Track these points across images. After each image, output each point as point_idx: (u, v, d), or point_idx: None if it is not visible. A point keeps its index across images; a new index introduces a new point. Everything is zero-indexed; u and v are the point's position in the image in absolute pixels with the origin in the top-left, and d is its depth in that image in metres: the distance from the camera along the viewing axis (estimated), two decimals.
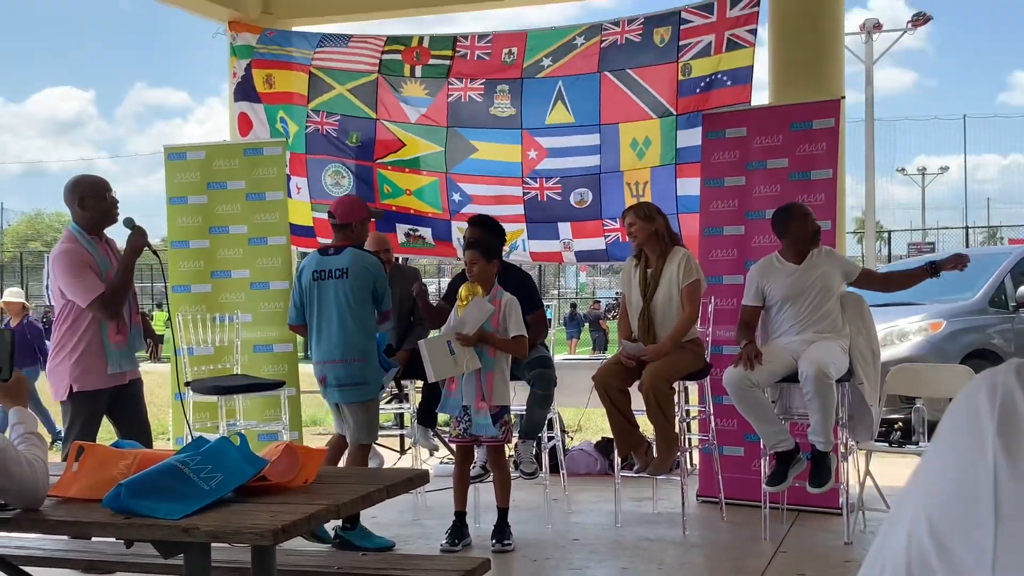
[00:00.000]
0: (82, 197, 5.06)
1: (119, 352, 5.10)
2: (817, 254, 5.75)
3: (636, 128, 7.51)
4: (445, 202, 8.17)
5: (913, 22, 25.55)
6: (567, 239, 8.00)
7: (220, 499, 2.80)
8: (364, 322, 5.52)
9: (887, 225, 37.03)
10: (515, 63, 7.82)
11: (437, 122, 8.05)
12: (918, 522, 0.76)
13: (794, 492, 5.95)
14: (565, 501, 6.61)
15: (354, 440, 5.60)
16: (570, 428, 8.82)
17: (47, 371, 5.22)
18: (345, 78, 8.23)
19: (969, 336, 9.12)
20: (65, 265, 4.96)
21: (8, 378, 3.01)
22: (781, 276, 5.72)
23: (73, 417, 5.04)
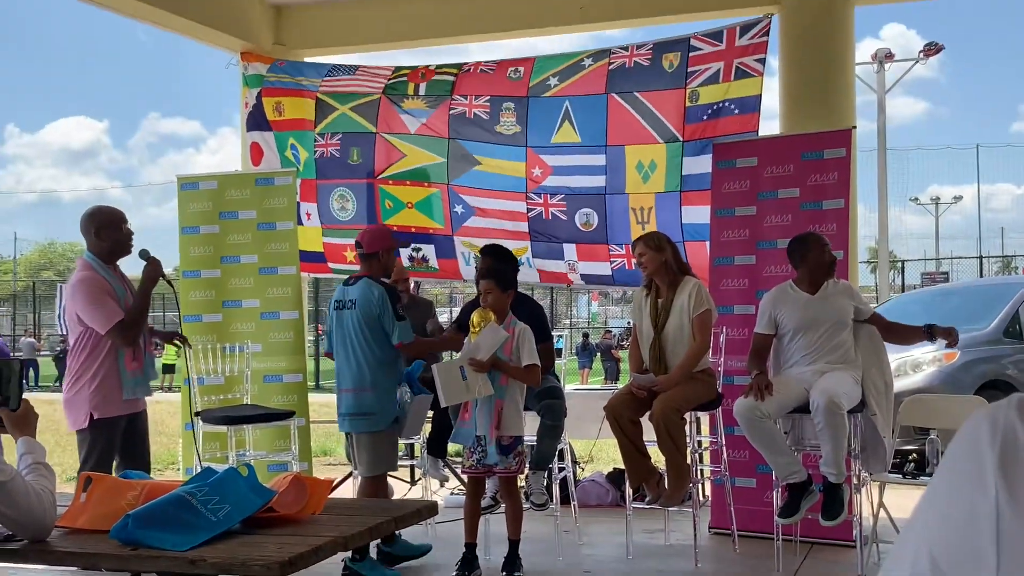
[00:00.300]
0: (99, 227, 5.13)
1: (134, 379, 5.16)
2: (832, 285, 5.72)
3: (642, 151, 7.49)
4: (447, 214, 8.14)
5: (925, 52, 25.58)
6: (572, 260, 7.96)
7: (227, 530, 2.79)
8: (375, 353, 5.53)
9: (900, 255, 36.94)
10: (521, 80, 7.82)
11: (437, 132, 8.03)
12: (920, 559, 0.75)
13: (807, 524, 5.91)
14: (576, 533, 6.57)
15: (362, 471, 5.60)
16: (581, 459, 8.78)
17: (63, 401, 5.22)
18: (349, 99, 8.28)
19: (983, 367, 9.05)
20: (85, 292, 5.02)
21: (17, 408, 3.01)
22: (795, 305, 5.70)
23: (92, 445, 5.05)
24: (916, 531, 0.78)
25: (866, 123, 26.26)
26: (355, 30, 9.23)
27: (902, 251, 39.78)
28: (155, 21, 8.44)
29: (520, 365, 5.38)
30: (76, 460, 11.30)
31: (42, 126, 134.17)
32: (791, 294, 5.75)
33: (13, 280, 56.59)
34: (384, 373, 5.53)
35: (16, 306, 45.01)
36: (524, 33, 9.17)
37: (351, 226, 8.43)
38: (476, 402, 5.35)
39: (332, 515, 3.07)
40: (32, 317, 40.94)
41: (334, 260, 8.64)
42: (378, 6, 9.11)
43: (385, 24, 9.14)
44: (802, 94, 7.75)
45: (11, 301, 48.36)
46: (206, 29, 8.61)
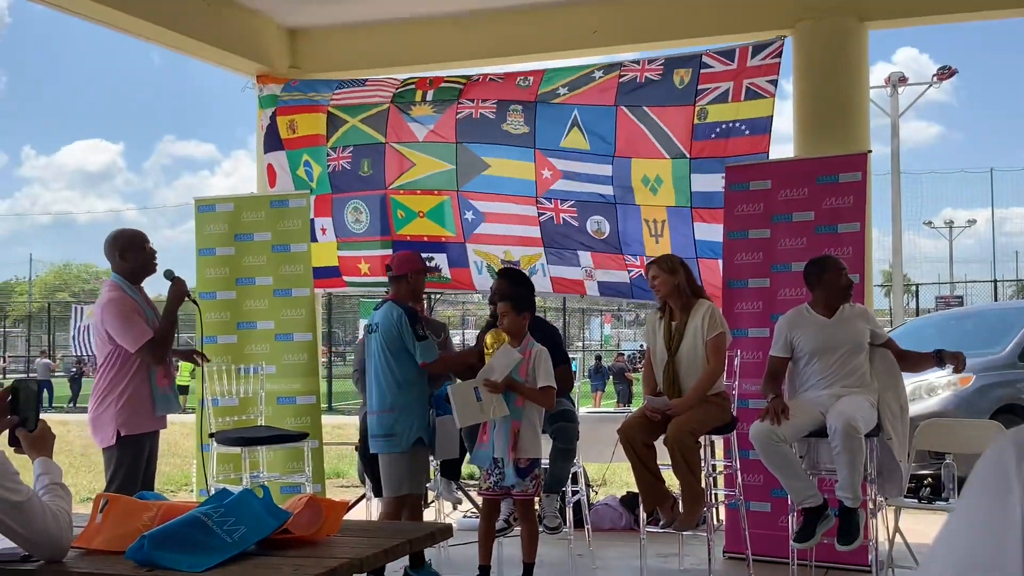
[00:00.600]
0: (123, 249, 5.24)
1: (165, 396, 5.26)
2: (849, 309, 5.71)
3: (648, 165, 7.49)
4: (458, 222, 8.14)
5: (939, 75, 25.60)
6: (588, 267, 7.94)
7: (243, 552, 2.79)
8: (396, 375, 5.55)
9: (914, 278, 36.83)
10: (530, 88, 7.84)
11: (445, 138, 8.04)
12: None
13: (822, 549, 5.87)
14: (590, 556, 6.55)
15: (384, 492, 5.61)
16: (595, 482, 8.76)
17: (90, 420, 5.26)
18: (358, 111, 8.33)
19: (999, 391, 9.01)
20: (115, 312, 5.11)
21: (35, 428, 3.02)
22: (811, 328, 5.69)
23: (119, 462, 5.09)
24: (942, 554, 0.78)
25: (879, 147, 26.28)
26: (369, 54, 9.29)
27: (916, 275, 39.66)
28: (172, 44, 8.52)
29: (535, 386, 5.37)
30: (90, 481, 11.36)
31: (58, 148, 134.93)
32: (807, 317, 5.74)
33: (28, 301, 56.83)
34: (405, 394, 5.54)
35: (31, 327, 45.18)
36: (536, 57, 9.21)
37: (365, 238, 8.46)
38: (494, 424, 5.34)
39: (347, 537, 3.06)
40: (47, 338, 41.09)
41: (348, 273, 8.66)
42: (392, 30, 9.17)
43: (398, 48, 9.19)
44: (816, 117, 7.75)
45: (26, 322, 48.56)
46: (222, 52, 8.68)
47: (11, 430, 3.01)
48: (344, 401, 26.78)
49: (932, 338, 10.74)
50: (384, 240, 8.43)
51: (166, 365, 5.29)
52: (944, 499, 5.57)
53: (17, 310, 57.06)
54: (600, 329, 44.25)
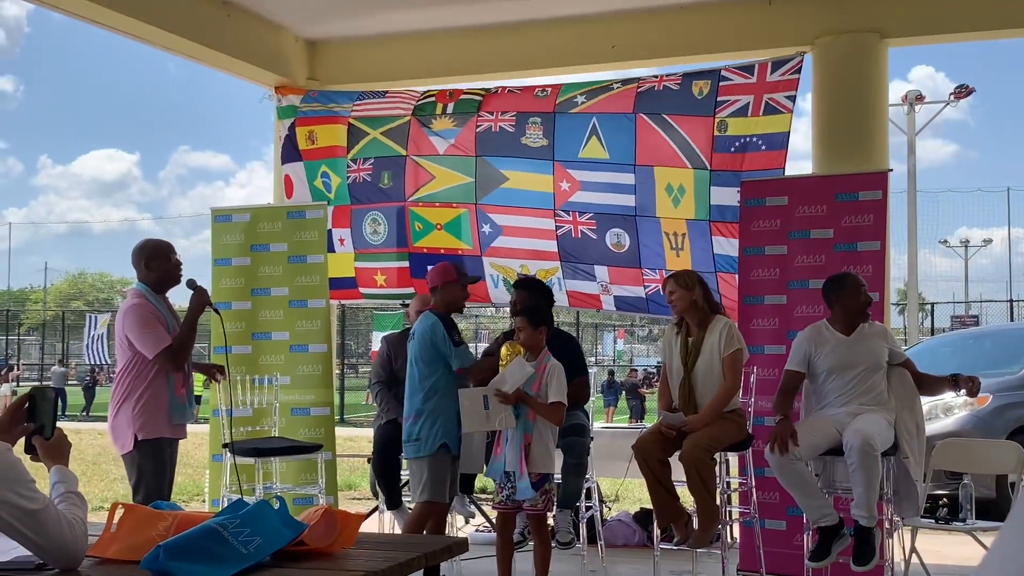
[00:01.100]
0: (148, 259, 5.31)
1: (181, 406, 5.28)
2: (868, 327, 5.68)
3: (671, 174, 7.47)
4: (475, 235, 8.14)
5: (956, 94, 25.52)
6: (604, 282, 7.91)
7: (258, 563, 2.77)
8: (424, 382, 5.58)
9: (930, 297, 36.69)
10: (548, 98, 7.85)
11: (465, 151, 8.06)
12: None
13: (837, 568, 5.82)
14: (603, 572, 6.51)
15: (413, 497, 5.62)
16: (608, 498, 8.72)
17: (109, 427, 5.29)
18: (379, 123, 8.35)
19: (1016, 411, 8.94)
20: (135, 318, 5.16)
21: (51, 436, 3.01)
22: (829, 346, 5.66)
23: (142, 467, 5.11)
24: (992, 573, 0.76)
25: (896, 164, 26.21)
26: (387, 66, 9.31)
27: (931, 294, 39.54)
28: (191, 55, 8.55)
29: (546, 401, 5.35)
30: (102, 489, 11.36)
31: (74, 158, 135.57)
32: (826, 334, 5.71)
33: (43, 309, 57.07)
34: (431, 401, 5.55)
35: (45, 335, 45.35)
36: (554, 71, 9.24)
37: (382, 249, 8.48)
38: (507, 438, 5.33)
39: (363, 549, 3.04)
40: (61, 347, 41.23)
41: (365, 285, 8.67)
42: (410, 42, 9.19)
43: (417, 60, 9.22)
44: (835, 135, 7.73)
45: (40, 330, 48.75)
46: (241, 63, 8.71)
47: (27, 438, 3.00)
48: (355, 414, 26.78)
49: (948, 357, 10.70)
50: (400, 252, 8.44)
51: (184, 374, 5.31)
52: (961, 519, 5.52)
53: (32, 318, 57.29)
54: (613, 345, 44.18)
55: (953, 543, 6.94)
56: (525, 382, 5.33)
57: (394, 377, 6.70)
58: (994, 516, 5.98)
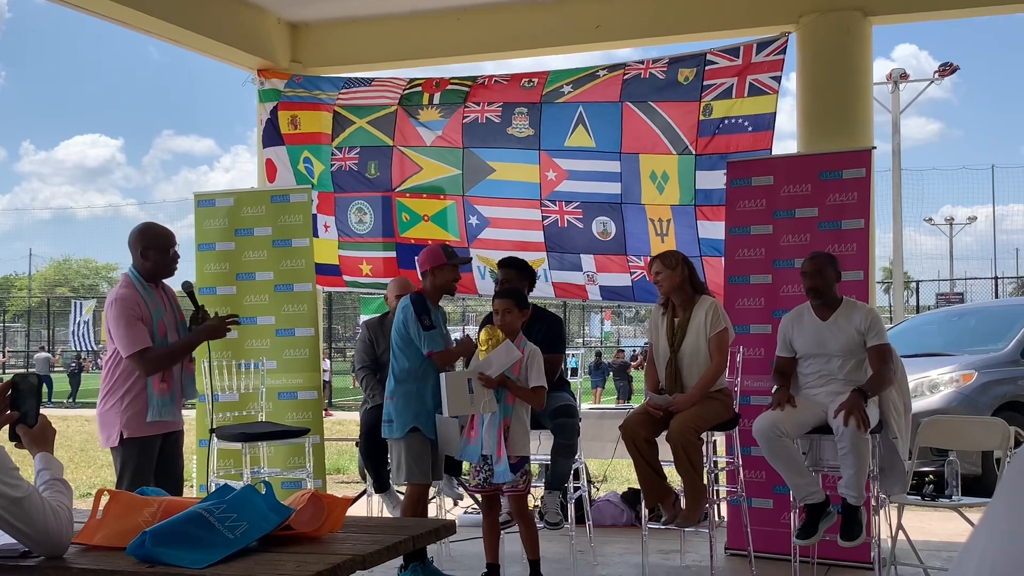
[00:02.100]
0: (145, 247, 5.06)
1: (160, 401, 5.04)
2: (847, 312, 5.66)
3: (655, 161, 7.49)
4: (462, 227, 8.14)
5: (940, 72, 25.57)
6: (591, 271, 7.92)
7: (245, 548, 2.77)
8: (400, 364, 5.58)
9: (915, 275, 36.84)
10: (534, 89, 7.85)
11: (452, 143, 8.05)
12: None
13: (825, 545, 5.86)
14: (591, 553, 6.53)
15: (394, 479, 5.70)
16: (596, 478, 8.74)
17: (97, 417, 5.16)
18: (366, 112, 8.32)
19: (1001, 388, 9.00)
20: (118, 312, 4.95)
21: (35, 424, 2.99)
22: (806, 330, 5.70)
23: (124, 463, 4.99)
24: (977, 550, 0.75)
25: (880, 143, 26.24)
26: (371, 48, 9.26)
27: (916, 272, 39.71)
28: (172, 38, 8.48)
29: (527, 385, 5.35)
30: (89, 476, 11.35)
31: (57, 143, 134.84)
32: (804, 317, 5.76)
33: (28, 296, 56.84)
34: (404, 384, 5.54)
35: (30, 322, 45.20)
36: (539, 52, 9.20)
37: (368, 239, 8.46)
38: (483, 420, 5.32)
39: (350, 533, 3.04)
40: (46, 333, 41.10)
41: (349, 273, 8.66)
42: (394, 24, 9.14)
43: (401, 42, 9.17)
44: (819, 113, 7.72)
45: (26, 317, 48.58)
46: (222, 47, 8.65)
47: (11, 425, 2.99)
48: (342, 397, 26.79)
49: (932, 335, 10.74)
50: (387, 242, 8.42)
51: (166, 370, 5.08)
52: (947, 496, 5.54)
53: (16, 305, 57.07)
54: (600, 326, 44.25)
55: (939, 519, 6.99)
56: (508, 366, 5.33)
57: (377, 361, 6.69)
58: (980, 492, 6.02)
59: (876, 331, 5.62)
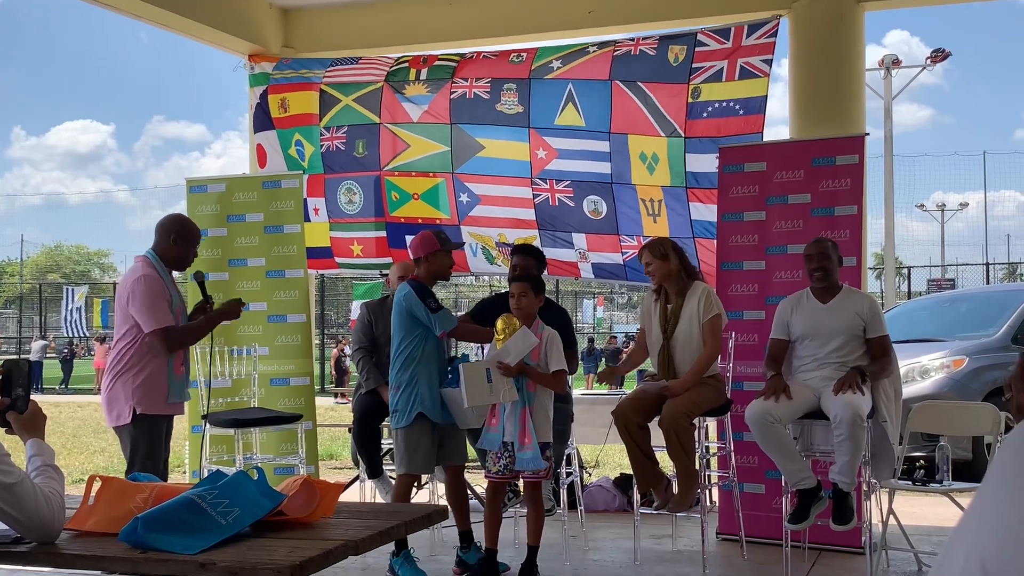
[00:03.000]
0: (177, 235, 5.28)
1: (179, 384, 5.21)
2: (848, 297, 5.67)
3: (645, 142, 7.46)
4: (453, 204, 8.12)
5: (932, 58, 25.55)
6: (582, 249, 7.91)
7: (237, 534, 2.77)
8: (400, 352, 5.53)
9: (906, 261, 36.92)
10: (523, 64, 7.81)
11: (440, 118, 8.01)
12: (971, 566, 0.73)
13: (816, 530, 5.88)
14: (583, 538, 6.54)
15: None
16: (588, 464, 8.75)
17: (103, 396, 5.20)
18: (352, 89, 8.29)
19: (992, 373, 9.02)
20: (144, 290, 5.07)
21: (25, 410, 2.99)
22: (806, 313, 5.70)
23: (136, 440, 5.03)
24: (965, 539, 0.75)
25: (872, 129, 26.22)
26: (362, 33, 9.22)
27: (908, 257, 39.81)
28: (162, 23, 8.44)
29: (547, 371, 5.33)
30: (82, 462, 11.33)
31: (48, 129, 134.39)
32: (805, 302, 5.76)
33: (20, 282, 56.68)
34: (408, 371, 5.49)
35: (22, 308, 45.09)
36: (530, 37, 9.16)
37: (358, 219, 8.45)
38: (504, 408, 5.30)
39: (342, 519, 3.04)
40: (38, 319, 41.00)
41: (341, 255, 8.64)
42: (385, 9, 9.10)
43: (391, 27, 9.13)
44: (812, 99, 7.71)
45: (17, 303, 48.46)
46: (213, 31, 8.61)
47: (1, 412, 2.98)
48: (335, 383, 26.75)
49: (924, 321, 10.76)
50: (378, 222, 8.40)
51: (184, 353, 5.27)
52: (938, 481, 5.56)
53: (8, 291, 56.92)
54: (593, 312, 44.24)
55: (929, 504, 7.01)
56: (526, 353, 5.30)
57: (375, 343, 6.68)
58: (970, 477, 6.04)
59: (879, 321, 5.64)
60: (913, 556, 5.76)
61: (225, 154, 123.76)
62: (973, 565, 0.73)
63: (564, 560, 6.03)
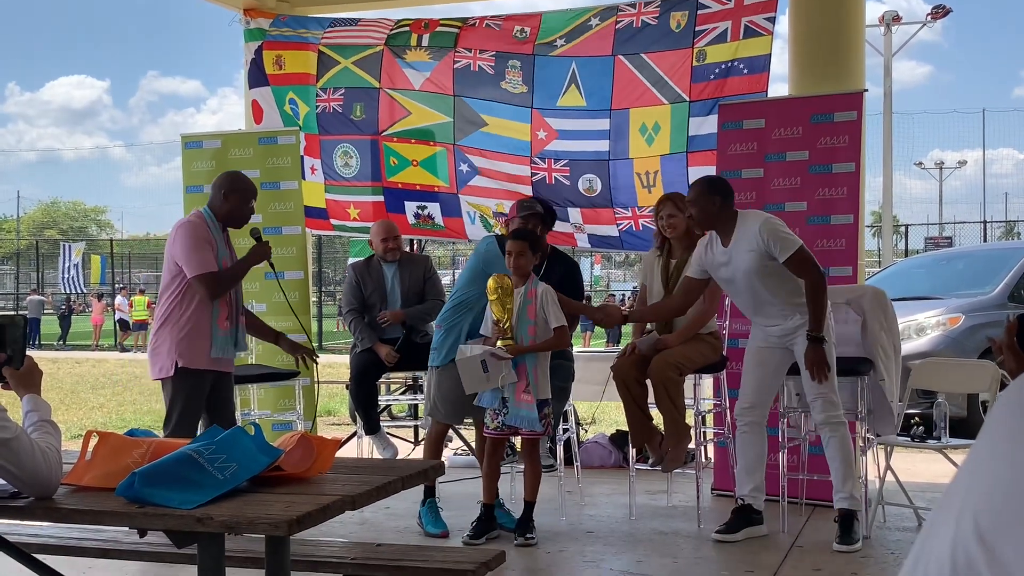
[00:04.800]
0: (229, 191, 5.24)
1: (224, 338, 5.15)
2: (743, 229, 5.24)
3: (646, 113, 7.45)
4: (452, 173, 8.11)
5: (932, 14, 25.39)
6: (578, 223, 7.92)
7: (234, 489, 2.78)
8: (456, 294, 5.76)
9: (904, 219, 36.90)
10: (527, 40, 7.77)
11: (443, 89, 7.98)
12: (965, 524, 0.72)
13: (813, 485, 5.92)
14: (579, 494, 6.58)
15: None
16: (584, 421, 8.79)
17: (150, 348, 5.19)
18: (351, 52, 8.23)
19: (988, 331, 9.03)
20: (188, 234, 5.06)
21: (21, 365, 2.99)
22: (714, 259, 5.39)
23: (175, 393, 5.03)
24: (959, 494, 0.75)
25: (871, 86, 26.10)
26: None
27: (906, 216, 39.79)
28: None
29: (547, 327, 5.31)
30: (80, 418, 11.37)
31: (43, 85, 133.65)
32: (713, 244, 5.40)
33: (16, 238, 56.59)
34: (454, 315, 5.72)
35: (19, 265, 45.05)
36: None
37: (355, 183, 8.41)
38: None
39: (339, 474, 3.06)
40: (35, 276, 40.97)
41: (336, 217, 8.62)
42: None
43: None
44: (811, 56, 7.64)
45: (14, 260, 48.41)
46: None
47: None
48: (333, 340, 26.83)
49: (921, 278, 10.78)
50: (375, 186, 8.37)
51: (231, 309, 5.19)
52: (936, 438, 5.59)
53: (5, 247, 56.84)
54: (591, 270, 44.26)
55: (924, 460, 7.05)
56: (521, 310, 5.28)
57: (364, 303, 6.69)
58: (965, 434, 6.06)
59: (780, 242, 5.14)
60: (912, 512, 5.79)
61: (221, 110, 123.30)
62: (966, 520, 0.73)
63: (560, 515, 6.07)
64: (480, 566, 3.41)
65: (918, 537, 0.78)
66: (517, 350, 5.23)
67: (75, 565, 4.22)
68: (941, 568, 0.74)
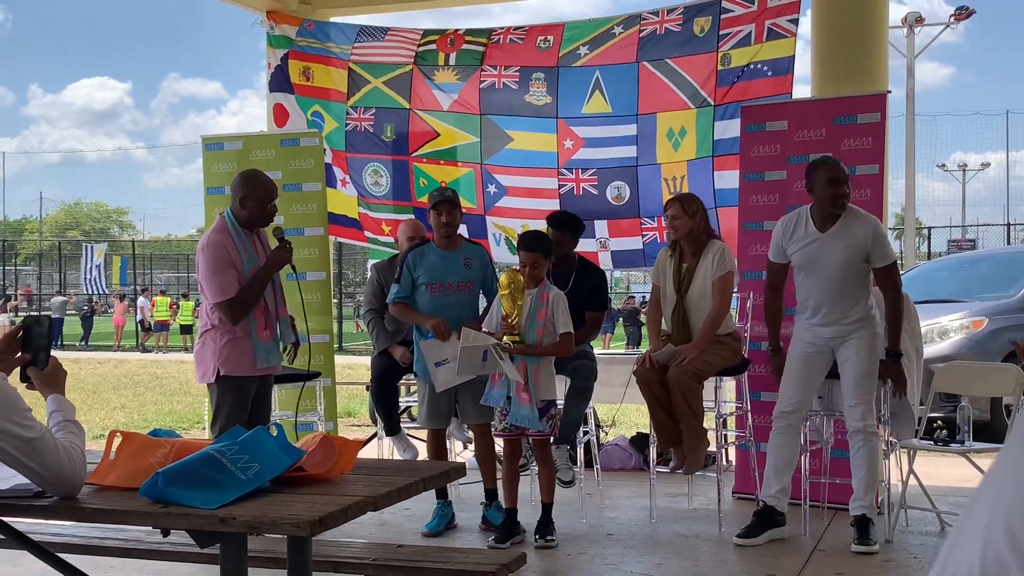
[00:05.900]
0: (245, 196, 5.10)
1: (266, 348, 5.10)
2: (851, 223, 5.35)
3: (673, 118, 7.45)
4: (480, 195, 8.13)
5: (956, 16, 25.24)
6: (603, 238, 7.92)
7: (257, 489, 2.78)
8: None
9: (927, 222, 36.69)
10: (551, 50, 7.78)
11: (470, 108, 8.01)
12: (995, 529, 0.72)
13: (834, 489, 5.89)
14: (599, 496, 6.57)
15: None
16: (605, 423, 8.78)
17: (195, 352, 5.20)
18: (381, 71, 8.26)
19: (1012, 334, 8.96)
20: (208, 258, 4.97)
21: (45, 366, 3.01)
22: (801, 239, 5.43)
23: (220, 400, 5.04)
24: (988, 501, 0.74)
25: (893, 87, 25.97)
26: None
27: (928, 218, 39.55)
28: None
29: (554, 332, 5.31)
30: (103, 418, 11.44)
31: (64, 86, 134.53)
32: (800, 225, 5.47)
33: (39, 239, 56.93)
34: None
35: (42, 265, 45.33)
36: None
37: (384, 201, 8.46)
38: None
39: (361, 475, 3.06)
40: (58, 276, 41.22)
41: (371, 231, 8.67)
42: None
43: None
44: (834, 57, 7.62)
45: (37, 260, 48.72)
46: None
47: (22, 368, 3.00)
48: (353, 342, 26.89)
49: (944, 281, 10.71)
50: (404, 206, 8.39)
51: (267, 316, 5.11)
52: (959, 441, 5.55)
53: (28, 248, 57.21)
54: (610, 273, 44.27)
55: (947, 464, 7.00)
56: (531, 311, 5.29)
57: (385, 305, 6.69)
58: (989, 438, 6.02)
59: (884, 249, 5.36)
60: (935, 516, 5.75)
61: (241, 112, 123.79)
62: (997, 522, 0.72)
63: (580, 518, 6.06)
64: (501, 568, 3.41)
65: (945, 542, 0.77)
66: (522, 350, 5.24)
67: (97, 564, 4.24)
68: (971, 573, 0.73)
